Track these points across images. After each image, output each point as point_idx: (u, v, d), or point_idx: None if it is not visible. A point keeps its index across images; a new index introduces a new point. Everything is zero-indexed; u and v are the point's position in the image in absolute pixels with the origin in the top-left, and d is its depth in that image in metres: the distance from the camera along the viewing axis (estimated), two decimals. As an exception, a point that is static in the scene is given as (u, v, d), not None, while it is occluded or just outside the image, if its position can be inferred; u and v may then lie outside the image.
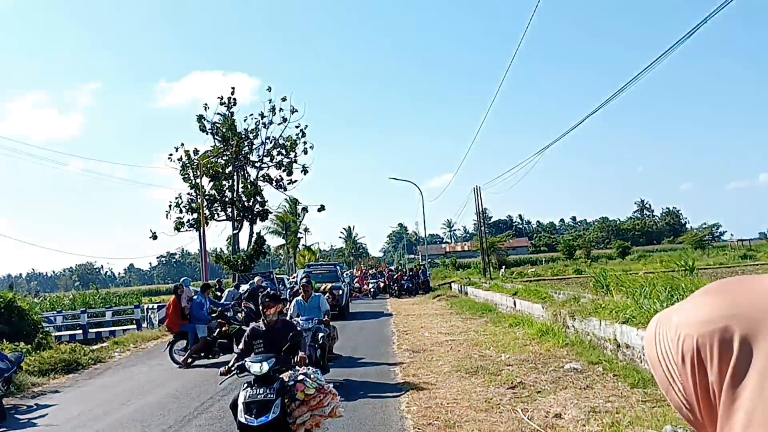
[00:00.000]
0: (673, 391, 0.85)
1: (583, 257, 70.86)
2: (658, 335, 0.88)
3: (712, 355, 0.78)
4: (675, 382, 0.84)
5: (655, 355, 0.87)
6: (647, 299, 10.99)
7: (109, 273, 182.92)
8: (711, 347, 0.78)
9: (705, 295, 0.84)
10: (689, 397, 0.82)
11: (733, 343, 0.76)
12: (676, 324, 0.84)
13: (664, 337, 0.85)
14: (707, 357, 0.78)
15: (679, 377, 0.82)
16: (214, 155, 40.66)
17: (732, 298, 0.80)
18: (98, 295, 36.19)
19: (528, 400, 7.88)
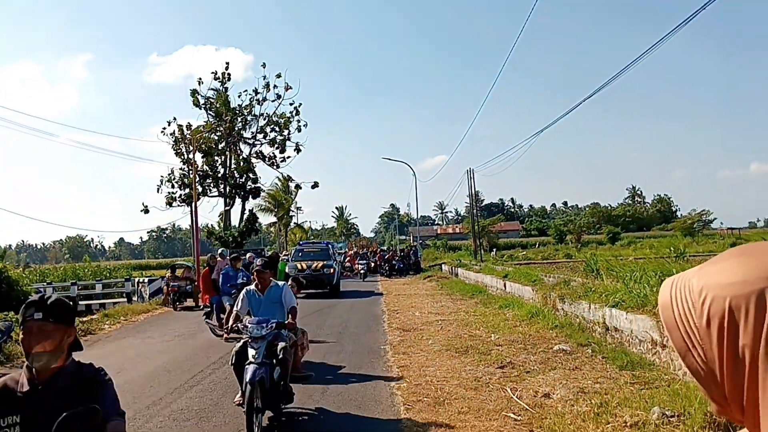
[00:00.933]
0: (692, 355, 0.83)
1: (574, 242, 71.16)
2: (675, 298, 0.86)
3: (747, 317, 0.76)
4: (695, 346, 0.82)
5: (672, 318, 0.86)
6: (637, 284, 11.05)
7: (100, 246, 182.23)
8: (747, 309, 0.76)
9: (735, 257, 0.82)
10: (710, 362, 0.81)
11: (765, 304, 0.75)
12: (702, 286, 0.82)
13: (684, 300, 0.84)
14: (741, 319, 0.76)
15: (701, 341, 0.81)
16: (207, 130, 40.42)
17: (764, 260, 0.78)
18: (88, 267, 36.12)
19: (517, 380, 7.95)
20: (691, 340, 0.83)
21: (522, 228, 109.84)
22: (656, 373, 7.79)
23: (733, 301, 0.77)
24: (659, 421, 5.71)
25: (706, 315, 0.80)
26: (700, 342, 0.81)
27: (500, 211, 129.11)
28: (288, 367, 6.75)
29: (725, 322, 0.78)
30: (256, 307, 7.28)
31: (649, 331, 8.67)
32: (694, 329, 0.82)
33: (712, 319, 0.79)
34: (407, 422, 6.42)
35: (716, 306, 0.79)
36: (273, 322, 6.66)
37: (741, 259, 0.81)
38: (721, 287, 0.79)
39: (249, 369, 6.19)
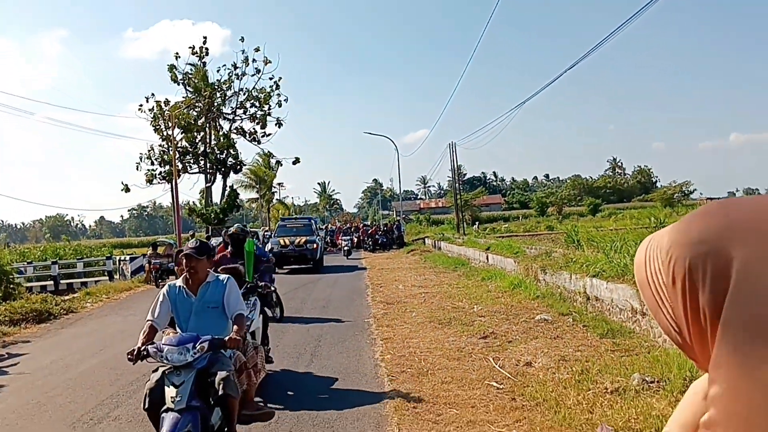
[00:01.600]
0: (662, 313, 0.83)
1: (555, 214, 71.64)
2: (648, 257, 0.86)
3: (704, 277, 0.75)
4: (664, 304, 0.82)
5: (644, 277, 0.86)
6: (617, 254, 11.15)
7: (80, 225, 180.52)
8: (704, 269, 0.75)
9: (700, 215, 0.81)
10: (678, 320, 0.81)
11: (726, 264, 0.74)
12: (669, 245, 0.81)
13: (655, 259, 0.84)
14: (699, 279, 0.76)
15: (669, 299, 0.81)
16: (185, 106, 39.94)
17: (728, 219, 0.77)
18: (69, 246, 35.78)
19: (499, 350, 8.02)
20: (661, 298, 0.83)
21: (504, 201, 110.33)
22: (636, 340, 7.90)
23: (692, 260, 0.77)
24: (639, 386, 5.80)
25: (671, 274, 0.80)
26: (668, 300, 0.81)
27: (482, 185, 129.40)
28: (234, 407, 4.51)
29: (686, 282, 0.77)
30: (184, 314, 4.90)
31: (629, 300, 8.78)
32: (662, 288, 0.82)
33: (676, 278, 0.79)
34: (392, 393, 6.47)
35: (679, 265, 0.78)
36: (205, 341, 4.33)
37: (703, 218, 0.80)
38: (683, 246, 0.79)
39: (167, 419, 4.14)
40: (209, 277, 5.03)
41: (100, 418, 6.25)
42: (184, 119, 40.18)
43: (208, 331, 4.60)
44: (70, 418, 6.33)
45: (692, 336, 0.80)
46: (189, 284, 4.98)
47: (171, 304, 4.93)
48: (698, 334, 0.79)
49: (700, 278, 0.76)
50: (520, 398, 5.97)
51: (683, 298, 0.79)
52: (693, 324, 0.79)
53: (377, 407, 6.10)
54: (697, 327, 0.78)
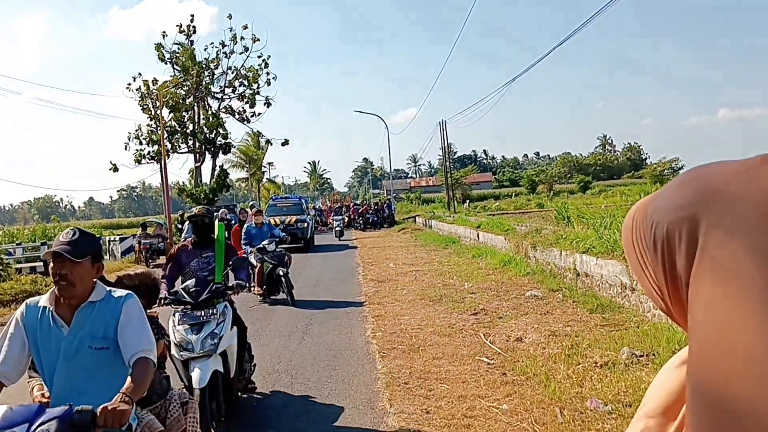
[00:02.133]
0: (645, 277, 0.84)
1: (546, 192, 71.83)
2: (635, 222, 0.86)
3: (680, 243, 0.76)
4: (647, 268, 0.83)
5: (630, 242, 0.86)
6: (607, 230, 11.20)
7: (69, 206, 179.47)
8: (680, 235, 0.76)
9: (680, 181, 0.82)
10: (660, 285, 0.82)
11: (698, 231, 0.74)
12: (652, 210, 0.82)
13: (640, 224, 0.84)
14: (675, 245, 0.77)
15: (651, 264, 0.81)
16: (173, 85, 39.56)
17: (706, 183, 0.77)
18: (59, 227, 35.59)
19: (490, 326, 8.07)
20: (644, 262, 0.83)
21: (495, 179, 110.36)
22: (625, 315, 7.96)
23: (669, 226, 0.78)
24: (629, 360, 5.86)
25: (652, 239, 0.80)
26: (651, 265, 0.82)
27: (473, 163, 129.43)
28: None
29: (665, 247, 0.78)
30: (49, 357, 2.89)
31: (618, 276, 8.83)
32: (646, 252, 0.83)
33: (656, 243, 0.80)
34: (383, 369, 6.50)
35: (659, 231, 0.79)
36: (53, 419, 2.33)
37: (682, 183, 0.81)
38: (662, 212, 0.80)
39: None
40: (94, 295, 2.97)
41: (92, 397, 6.25)
42: (172, 98, 39.81)
43: (88, 388, 2.82)
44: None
45: (672, 300, 0.81)
46: (59, 305, 2.93)
47: (28, 338, 2.89)
48: (677, 297, 0.79)
49: (676, 243, 0.77)
50: (511, 373, 6.02)
51: (662, 263, 0.79)
52: (672, 288, 0.80)
53: (369, 383, 6.13)
54: (675, 291, 0.79)
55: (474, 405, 5.19)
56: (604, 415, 4.67)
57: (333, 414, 5.36)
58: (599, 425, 4.51)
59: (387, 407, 5.35)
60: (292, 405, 5.68)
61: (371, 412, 5.32)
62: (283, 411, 5.56)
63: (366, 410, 5.37)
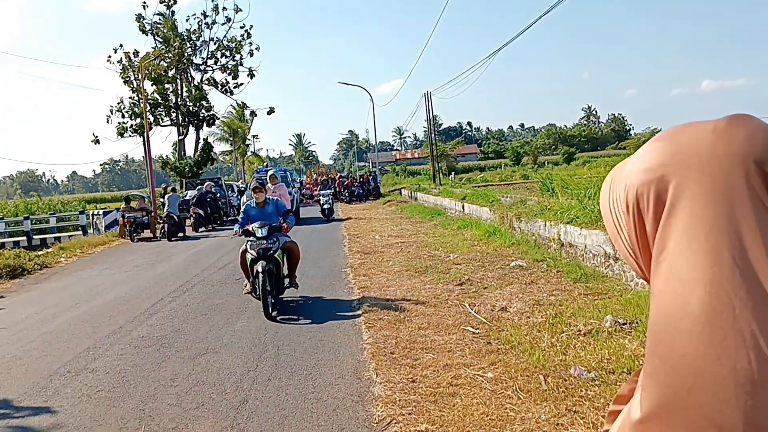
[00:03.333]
0: (620, 239, 0.86)
1: (530, 163, 72.00)
2: (611, 186, 0.87)
3: (648, 205, 0.78)
4: (622, 230, 0.84)
5: (606, 205, 0.88)
6: (591, 200, 11.26)
7: (52, 181, 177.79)
8: (648, 197, 0.78)
9: (653, 142, 0.82)
10: (633, 247, 0.83)
11: (666, 193, 0.76)
12: (626, 173, 0.83)
13: (616, 187, 0.85)
14: (644, 207, 0.78)
15: (626, 227, 0.83)
16: (155, 57, 38.99)
17: (674, 145, 0.78)
18: (41, 201, 35.27)
19: (475, 296, 8.11)
20: (619, 225, 0.85)
21: (480, 151, 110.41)
22: (609, 284, 8.04)
23: (639, 188, 0.79)
24: (611, 328, 5.92)
25: (625, 202, 0.82)
26: (625, 227, 0.84)
27: (458, 135, 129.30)
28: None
29: (636, 209, 0.80)
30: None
31: (602, 246, 8.90)
32: (620, 215, 0.84)
33: (629, 206, 0.81)
34: (369, 339, 6.53)
35: (631, 193, 0.80)
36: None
37: (653, 145, 0.81)
38: (634, 174, 0.81)
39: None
40: None
41: (78, 371, 6.24)
42: (154, 70, 39.27)
43: None
44: (47, 371, 6.32)
45: (644, 261, 0.82)
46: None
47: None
48: (647, 259, 0.81)
49: (645, 205, 0.78)
50: (496, 342, 6.07)
51: (634, 225, 0.81)
52: (643, 249, 0.81)
53: (355, 353, 6.16)
54: (646, 252, 0.81)
55: (459, 373, 5.23)
56: (588, 382, 4.73)
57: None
58: (583, 392, 4.57)
59: (373, 377, 5.39)
60: (279, 375, 5.70)
61: (357, 381, 5.36)
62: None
63: (352, 380, 5.41)
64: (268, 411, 4.84)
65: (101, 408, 5.14)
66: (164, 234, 20.24)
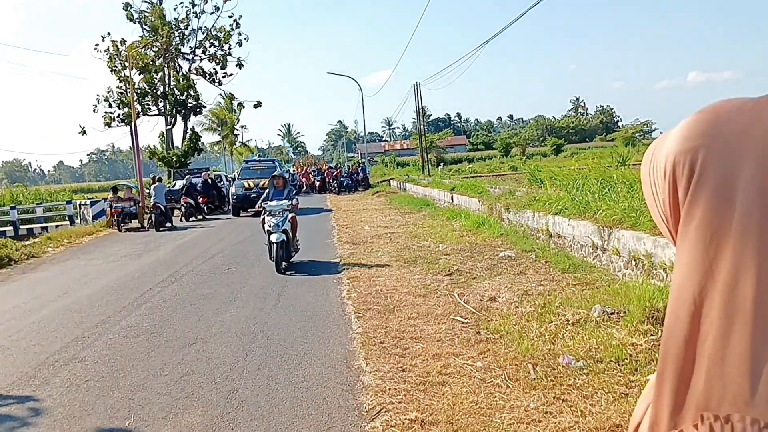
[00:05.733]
0: (656, 206, 0.89)
1: (519, 155, 72.11)
2: (653, 153, 0.90)
3: (683, 173, 0.80)
4: (657, 197, 0.88)
5: (647, 173, 0.91)
6: (579, 191, 11.33)
7: (38, 171, 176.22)
8: (683, 167, 0.80)
9: (695, 114, 0.85)
10: (666, 212, 0.86)
11: (697, 163, 0.78)
12: (669, 142, 0.86)
13: (657, 155, 0.88)
14: (679, 175, 0.81)
15: (662, 193, 0.86)
16: (142, 46, 38.67)
17: (714, 118, 0.81)
18: (27, 191, 34.97)
19: (464, 286, 8.15)
20: (656, 192, 0.88)
21: (469, 142, 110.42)
22: (597, 274, 8.10)
23: (676, 157, 0.82)
24: (600, 318, 5.97)
25: (663, 168, 0.85)
26: (661, 193, 0.86)
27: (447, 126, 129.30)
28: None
29: (672, 176, 0.82)
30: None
31: (590, 236, 8.95)
32: (657, 181, 0.87)
33: (666, 173, 0.84)
34: (358, 329, 6.55)
35: (669, 160, 0.83)
36: None
37: (696, 116, 0.83)
38: (675, 143, 0.83)
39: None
40: None
41: (67, 360, 6.22)
42: (141, 59, 38.96)
43: None
44: (36, 361, 6.29)
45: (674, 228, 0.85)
46: None
47: None
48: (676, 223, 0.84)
49: (680, 173, 0.81)
50: (485, 331, 6.10)
51: (669, 192, 0.84)
52: (674, 215, 0.84)
53: (344, 343, 6.18)
54: (676, 217, 0.84)
55: (449, 363, 5.26)
56: (576, 371, 4.77)
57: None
58: (571, 381, 4.61)
59: (363, 366, 5.40)
60: (269, 364, 5.70)
61: (347, 371, 5.37)
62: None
63: (342, 369, 5.42)
64: (258, 400, 4.85)
65: (90, 397, 5.13)
66: (152, 224, 20.17)
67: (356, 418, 4.39)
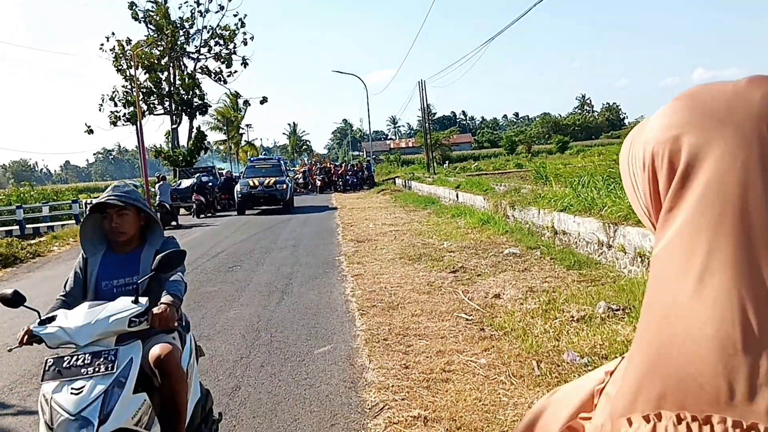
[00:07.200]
0: (636, 198, 0.85)
1: (525, 152, 71.98)
2: (632, 143, 0.86)
3: (662, 164, 0.76)
4: (638, 188, 0.83)
5: (625, 162, 0.87)
6: (585, 188, 11.27)
7: (45, 170, 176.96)
8: (662, 157, 0.76)
9: (672, 101, 0.80)
10: (647, 204, 0.82)
11: (680, 153, 0.74)
12: (646, 132, 0.81)
13: (636, 145, 0.84)
14: (659, 166, 0.77)
15: (642, 185, 0.82)
16: (147, 45, 38.74)
17: (692, 104, 0.77)
18: (33, 191, 35.10)
19: (468, 283, 8.11)
20: (636, 183, 0.84)
21: (474, 140, 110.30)
22: (602, 271, 8.05)
23: (655, 147, 0.78)
24: (605, 314, 5.93)
25: (642, 159, 0.80)
26: (641, 185, 0.82)
27: (452, 124, 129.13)
28: None
29: (651, 167, 0.78)
30: None
31: (595, 233, 8.90)
32: (637, 173, 0.83)
33: (645, 164, 0.80)
34: (362, 326, 6.53)
35: (647, 151, 0.79)
36: None
37: (673, 103, 0.80)
38: (652, 132, 0.79)
39: None
40: None
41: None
42: (147, 59, 39.04)
43: None
44: (39, 359, 6.28)
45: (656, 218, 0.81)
46: None
47: None
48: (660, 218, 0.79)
49: (660, 164, 0.77)
50: (489, 328, 6.07)
51: (649, 183, 0.80)
52: (656, 207, 0.80)
53: (348, 340, 6.15)
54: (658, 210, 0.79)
55: (452, 360, 5.23)
56: (581, 368, 4.74)
57: (312, 370, 5.38)
58: (575, 377, 4.57)
59: (366, 363, 5.38)
60: (272, 361, 5.68)
61: (351, 368, 5.35)
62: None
63: (345, 366, 5.40)
64: (261, 397, 4.83)
65: (93, 395, 5.12)
66: (157, 223, 20.20)
67: (359, 415, 4.36)
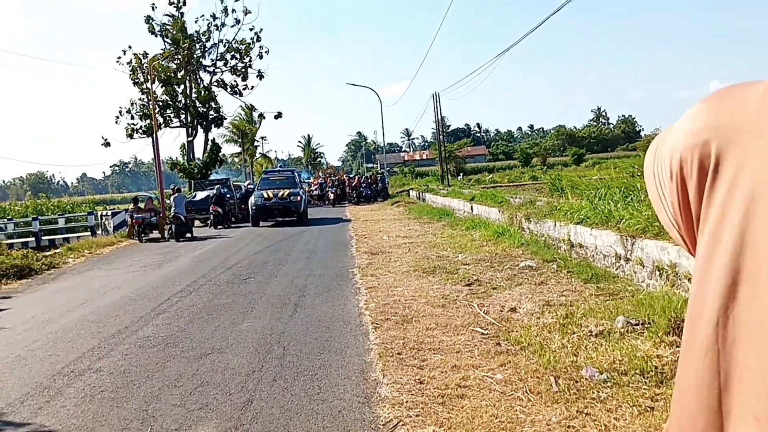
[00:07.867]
0: (663, 209, 0.79)
1: (540, 165, 71.74)
2: (657, 150, 0.80)
3: (691, 171, 0.71)
4: (665, 200, 0.78)
5: (651, 171, 0.81)
6: (602, 201, 11.13)
7: (62, 182, 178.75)
8: (691, 163, 0.70)
9: (699, 103, 0.74)
10: (676, 216, 0.76)
11: (710, 158, 0.68)
12: (672, 137, 0.76)
13: (662, 152, 0.78)
14: (688, 173, 0.71)
15: (669, 195, 0.76)
16: (164, 58, 39.07)
17: (721, 107, 0.70)
18: (50, 203, 35.39)
19: (484, 296, 8.01)
20: (663, 194, 0.78)
21: (488, 152, 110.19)
22: (620, 285, 7.91)
23: (683, 153, 0.72)
24: (624, 329, 5.80)
25: (669, 167, 0.75)
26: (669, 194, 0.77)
27: (467, 136, 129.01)
28: None
29: (679, 176, 0.73)
30: None
31: (613, 246, 8.77)
32: (664, 182, 0.77)
33: (673, 172, 0.74)
34: (376, 340, 6.44)
35: (675, 158, 0.74)
36: None
37: (700, 106, 0.73)
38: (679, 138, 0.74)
39: None
40: None
41: (82, 371, 6.18)
42: (163, 72, 39.38)
43: None
44: (50, 371, 6.25)
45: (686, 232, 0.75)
46: None
47: None
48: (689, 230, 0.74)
49: (689, 171, 0.71)
50: (505, 343, 5.96)
51: (678, 193, 0.74)
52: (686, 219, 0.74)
53: (361, 354, 6.07)
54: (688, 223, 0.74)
55: (468, 375, 5.13)
56: (600, 384, 4.62)
57: (325, 385, 5.30)
58: (594, 394, 4.46)
59: (380, 378, 5.29)
60: (285, 375, 5.61)
61: (364, 382, 5.26)
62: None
63: (359, 381, 5.31)
64: (273, 412, 4.75)
65: (104, 408, 5.07)
66: (172, 234, 20.28)
67: (372, 432, 4.27)
